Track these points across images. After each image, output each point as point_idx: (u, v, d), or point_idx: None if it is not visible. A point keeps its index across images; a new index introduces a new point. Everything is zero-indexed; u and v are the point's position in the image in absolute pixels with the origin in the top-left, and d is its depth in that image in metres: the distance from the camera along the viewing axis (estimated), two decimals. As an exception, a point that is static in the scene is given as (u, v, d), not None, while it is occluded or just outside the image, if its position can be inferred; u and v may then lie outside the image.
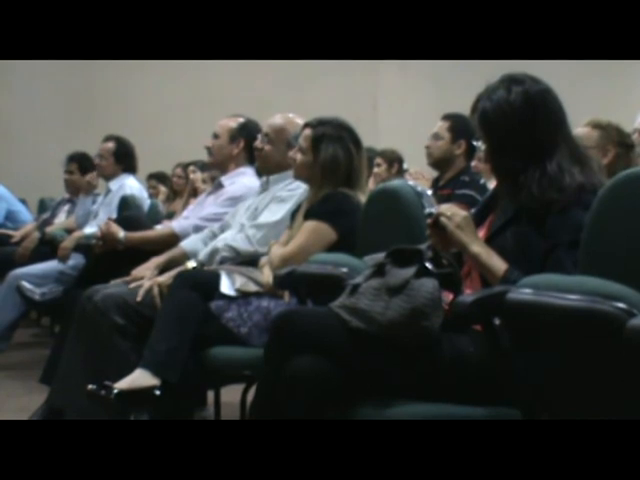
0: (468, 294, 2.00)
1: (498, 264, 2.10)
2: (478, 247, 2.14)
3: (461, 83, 7.62)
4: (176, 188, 6.42)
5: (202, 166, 5.42)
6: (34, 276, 4.74)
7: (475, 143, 3.68)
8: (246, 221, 3.34)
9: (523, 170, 2.16)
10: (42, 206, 6.65)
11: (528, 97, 2.18)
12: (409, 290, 2.03)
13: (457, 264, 2.18)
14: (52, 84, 7.37)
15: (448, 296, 2.14)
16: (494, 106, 2.19)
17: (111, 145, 5.15)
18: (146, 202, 5.08)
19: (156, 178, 6.81)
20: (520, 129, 2.17)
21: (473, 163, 4.16)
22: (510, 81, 2.21)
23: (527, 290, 1.67)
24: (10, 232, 5.59)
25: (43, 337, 5.77)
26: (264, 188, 3.46)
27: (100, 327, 3.22)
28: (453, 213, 2.16)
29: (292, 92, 7.64)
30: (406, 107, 5.27)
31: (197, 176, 5.39)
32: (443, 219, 2.15)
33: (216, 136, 3.84)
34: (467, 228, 2.15)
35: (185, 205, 4.98)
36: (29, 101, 7.27)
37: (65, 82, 7.41)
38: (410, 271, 2.07)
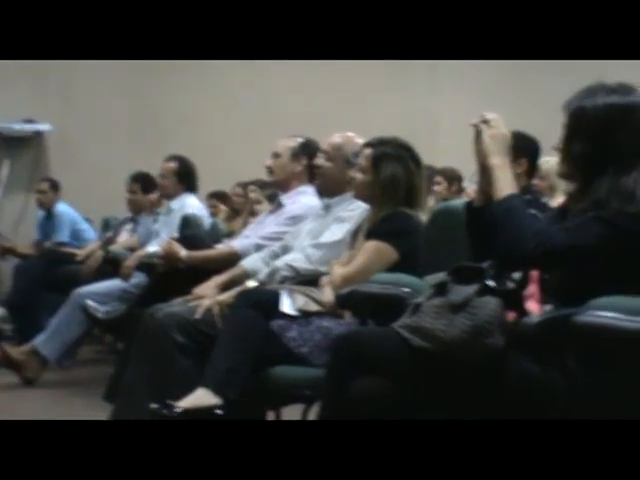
0: (534, 314, 1.98)
1: (507, 185, 2.11)
2: (499, 161, 2.15)
3: (520, 101, 7.58)
4: (236, 207, 6.46)
5: (261, 185, 5.44)
6: (98, 294, 4.81)
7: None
8: (307, 243, 3.35)
9: (599, 175, 2.11)
10: (106, 225, 6.74)
11: (626, 106, 2.13)
12: (472, 308, 2.02)
13: (520, 283, 2.16)
14: (116, 104, 7.49)
15: (510, 315, 2.12)
16: (594, 106, 2.13)
17: (173, 165, 5.21)
18: (207, 221, 5.12)
19: (216, 197, 6.87)
20: (611, 134, 2.12)
21: (535, 181, 4.12)
22: (609, 88, 2.16)
23: (601, 313, 1.66)
24: (75, 251, 5.67)
25: (106, 354, 5.84)
26: (326, 211, 3.46)
27: (162, 345, 3.25)
28: (495, 123, 2.17)
29: (351, 111, 7.65)
30: (466, 124, 5.24)
31: (256, 195, 5.42)
32: (481, 124, 2.18)
33: (277, 155, 3.87)
34: (499, 142, 2.17)
35: (244, 224, 5.01)
36: (94, 121, 7.40)
37: (129, 102, 7.53)
38: (472, 288, 2.06)
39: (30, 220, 7.05)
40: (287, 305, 3.02)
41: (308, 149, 3.82)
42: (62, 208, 6.62)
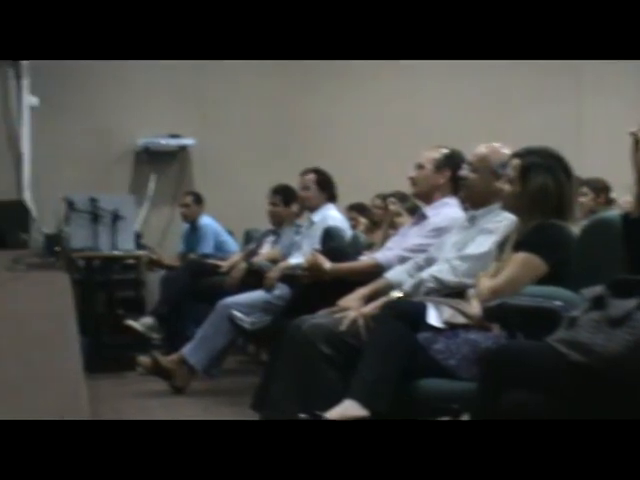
0: None
1: None
2: None
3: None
4: (375, 219, 6.47)
5: (401, 197, 5.44)
6: (242, 305, 4.90)
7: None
8: (452, 255, 3.33)
9: None
10: (248, 237, 6.88)
11: None
12: (633, 322, 1.97)
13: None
14: (258, 117, 7.63)
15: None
16: None
17: (313, 176, 5.29)
18: (348, 233, 5.16)
19: (356, 209, 6.89)
20: None
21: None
22: None
23: None
24: (219, 262, 5.81)
25: (250, 364, 5.95)
26: (471, 223, 3.43)
27: (308, 356, 3.29)
28: None
29: (493, 121, 7.56)
30: (612, 133, 5.09)
31: (396, 207, 5.41)
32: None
33: (420, 167, 3.87)
34: None
35: (384, 236, 5.01)
36: (236, 134, 7.56)
37: (271, 115, 7.66)
38: (632, 302, 2.00)
39: (175, 232, 7.27)
40: (434, 317, 3.01)
41: (452, 160, 3.80)
42: (206, 221, 6.81)
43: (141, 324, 5.50)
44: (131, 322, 5.50)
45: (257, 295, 4.99)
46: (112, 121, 7.32)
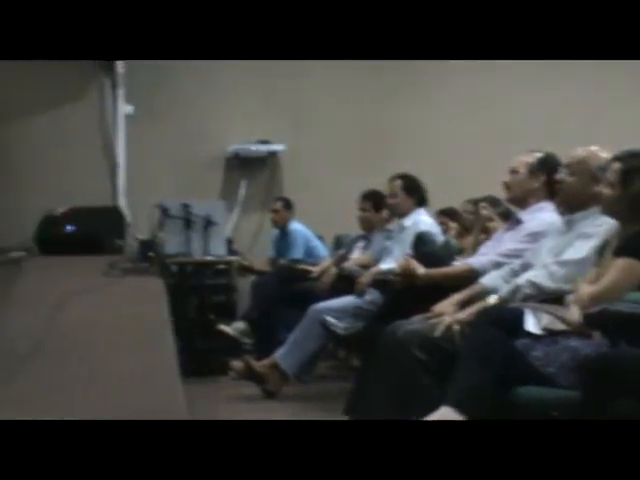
0: None
1: None
2: None
3: None
4: (466, 224, 6.41)
5: (492, 202, 5.37)
6: (333, 310, 4.91)
7: None
8: (549, 260, 3.28)
9: None
10: (337, 242, 6.89)
11: None
12: None
13: None
14: (346, 122, 7.64)
15: None
16: None
17: (400, 182, 5.28)
18: (440, 238, 5.12)
19: (446, 214, 6.84)
20: None
21: None
22: None
23: None
24: (309, 267, 5.82)
25: (340, 370, 5.94)
26: (568, 227, 3.37)
27: (402, 362, 3.28)
28: None
29: (582, 124, 7.42)
30: None
31: (488, 212, 5.35)
32: None
33: (514, 171, 3.82)
34: None
35: (475, 241, 4.96)
36: (324, 140, 7.58)
37: (359, 120, 7.65)
38: None
39: (265, 238, 7.33)
40: (532, 324, 2.97)
41: (547, 164, 3.75)
42: (295, 226, 6.84)
43: (233, 329, 5.56)
44: (223, 327, 5.57)
45: (348, 300, 5.00)
46: (203, 128, 7.42)
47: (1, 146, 7.05)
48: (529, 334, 2.95)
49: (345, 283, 5.17)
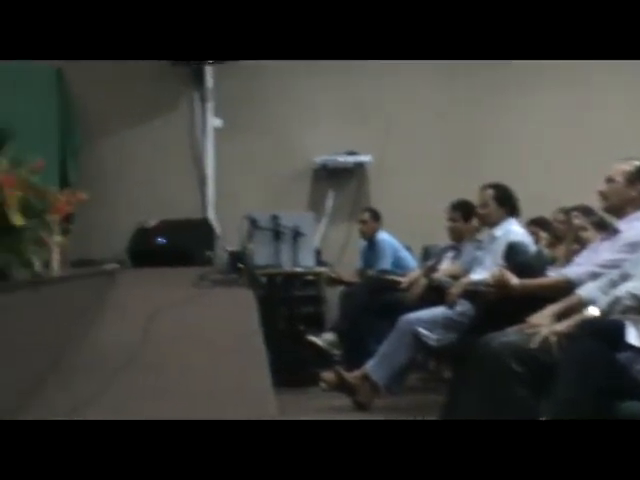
0: None
1: None
2: None
3: None
4: (558, 234, 6.28)
5: (585, 211, 5.25)
6: (424, 321, 4.87)
7: None
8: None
9: None
10: (426, 253, 6.83)
11: None
12: None
13: None
14: (433, 132, 7.59)
15: None
16: None
17: (491, 192, 5.19)
18: (532, 248, 5.03)
19: (537, 223, 6.72)
20: None
21: None
22: None
23: None
24: (398, 278, 5.78)
25: (430, 382, 5.89)
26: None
27: (497, 374, 3.23)
28: None
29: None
30: None
31: (581, 222, 5.23)
32: None
33: (611, 180, 3.73)
34: None
35: (568, 251, 4.85)
36: (411, 150, 7.55)
37: (447, 129, 7.60)
38: None
39: (353, 249, 7.32)
40: (634, 336, 2.89)
41: (646, 173, 3.65)
42: (383, 237, 6.81)
43: (323, 340, 5.56)
44: (313, 338, 5.57)
45: (438, 311, 4.95)
46: (291, 140, 7.47)
47: (95, 160, 7.21)
48: (631, 347, 2.86)
49: (435, 294, 5.12)
